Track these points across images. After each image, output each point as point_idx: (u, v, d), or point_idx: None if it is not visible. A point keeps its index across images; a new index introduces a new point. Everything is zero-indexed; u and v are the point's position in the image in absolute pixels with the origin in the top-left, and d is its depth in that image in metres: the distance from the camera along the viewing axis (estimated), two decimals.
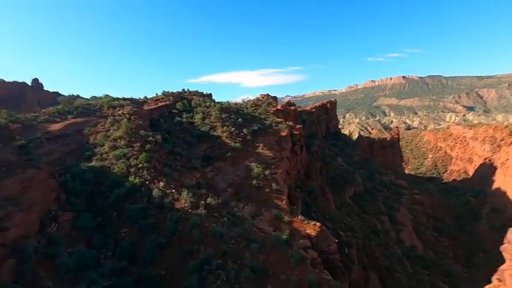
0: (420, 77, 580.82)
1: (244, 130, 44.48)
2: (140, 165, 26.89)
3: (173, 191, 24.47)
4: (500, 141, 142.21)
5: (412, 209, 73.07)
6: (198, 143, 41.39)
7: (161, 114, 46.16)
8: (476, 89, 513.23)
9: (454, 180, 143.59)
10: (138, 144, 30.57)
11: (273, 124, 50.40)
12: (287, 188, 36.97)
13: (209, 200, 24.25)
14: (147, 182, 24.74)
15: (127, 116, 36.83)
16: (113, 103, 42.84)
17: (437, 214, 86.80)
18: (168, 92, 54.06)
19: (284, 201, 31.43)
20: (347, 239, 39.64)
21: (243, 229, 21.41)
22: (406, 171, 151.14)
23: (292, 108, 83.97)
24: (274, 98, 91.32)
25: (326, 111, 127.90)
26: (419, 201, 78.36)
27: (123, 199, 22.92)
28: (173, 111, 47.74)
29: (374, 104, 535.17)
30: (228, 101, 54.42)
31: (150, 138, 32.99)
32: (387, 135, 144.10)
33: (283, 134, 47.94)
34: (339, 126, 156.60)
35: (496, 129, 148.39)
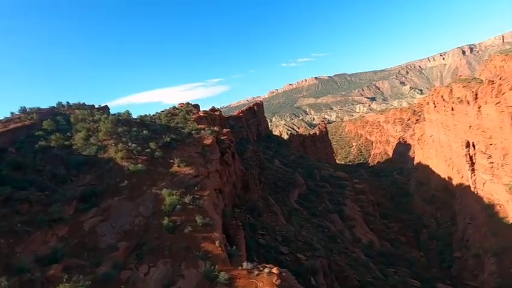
0: (329, 77, 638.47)
1: (151, 144, 31.26)
2: None
3: None
4: (408, 120, 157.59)
5: (357, 200, 69.34)
6: (76, 175, 26.58)
7: (14, 141, 29.59)
8: (374, 82, 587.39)
9: (378, 162, 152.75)
10: None
11: (194, 132, 38.25)
12: (220, 215, 25.29)
13: None
14: None
15: None
16: None
17: (377, 199, 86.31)
18: (34, 108, 36.94)
19: (217, 241, 19.66)
20: (308, 263, 29.86)
21: None
22: (338, 162, 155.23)
23: (217, 113, 73.04)
24: (196, 106, 78.63)
25: (254, 114, 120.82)
26: (361, 191, 75.66)
27: None
28: (37, 133, 31.46)
29: (295, 105, 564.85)
30: (127, 111, 39.99)
31: None
32: (316, 130, 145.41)
33: (208, 142, 36.20)
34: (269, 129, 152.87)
35: (402, 111, 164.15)
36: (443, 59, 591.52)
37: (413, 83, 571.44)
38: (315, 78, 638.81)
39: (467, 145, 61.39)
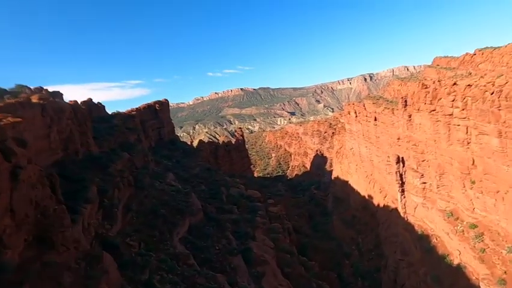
0: (254, 89, 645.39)
1: None
2: None
3: None
4: (324, 133, 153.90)
5: (271, 230, 51.33)
6: None
7: None
8: (294, 98, 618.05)
9: (296, 175, 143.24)
10: None
11: None
12: None
13: None
14: None
15: None
16: None
17: (294, 222, 70.96)
18: None
19: None
20: None
21: None
22: (255, 174, 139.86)
23: (72, 102, 47.29)
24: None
25: (155, 115, 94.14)
26: (276, 215, 58.27)
27: None
28: None
29: (220, 114, 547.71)
30: None
31: None
32: (233, 139, 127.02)
33: None
34: (179, 135, 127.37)
35: (319, 124, 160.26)
36: (350, 83, 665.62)
37: (326, 102, 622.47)
38: (241, 89, 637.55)
39: (397, 160, 49.99)
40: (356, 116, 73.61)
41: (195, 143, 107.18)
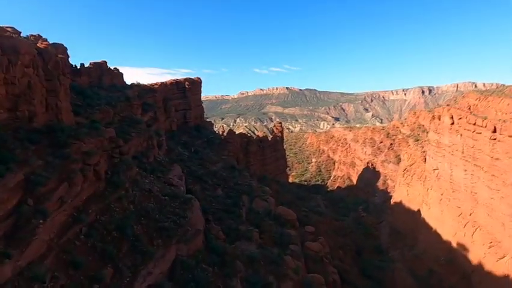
0: (300, 89, 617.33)
1: None
2: None
3: None
4: (380, 143, 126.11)
5: (306, 284, 30.73)
6: None
7: None
8: (340, 103, 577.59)
9: (338, 187, 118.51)
10: None
11: None
12: None
13: None
14: None
15: None
16: None
17: (336, 258, 49.02)
18: None
19: None
20: None
21: None
22: (291, 179, 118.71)
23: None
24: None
25: (182, 94, 78.26)
26: (315, 255, 37.10)
27: None
28: None
29: (262, 110, 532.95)
30: None
31: None
32: (270, 137, 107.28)
33: None
34: (219, 126, 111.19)
35: (374, 131, 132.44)
36: (405, 94, 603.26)
37: (375, 111, 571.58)
38: (286, 88, 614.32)
39: None
40: (453, 124, 48.44)
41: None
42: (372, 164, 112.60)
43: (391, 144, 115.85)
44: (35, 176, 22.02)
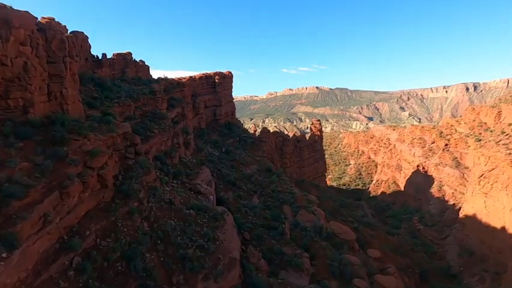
0: (330, 89, 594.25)
1: None
2: None
3: None
4: (432, 143, 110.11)
5: None
6: None
7: None
8: (374, 102, 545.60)
9: (382, 193, 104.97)
10: None
11: None
12: None
13: None
14: None
15: None
16: None
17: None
18: None
19: None
20: None
21: None
22: (327, 183, 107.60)
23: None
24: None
25: (212, 89, 71.52)
26: None
27: None
28: None
29: (291, 110, 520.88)
30: None
31: None
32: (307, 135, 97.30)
33: None
34: (248, 127, 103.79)
35: (423, 130, 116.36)
36: (446, 92, 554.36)
37: (412, 110, 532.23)
38: (316, 87, 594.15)
39: None
40: None
41: (259, 133, 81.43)
42: (423, 168, 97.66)
43: (446, 144, 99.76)
44: (10, 185, 15.20)
